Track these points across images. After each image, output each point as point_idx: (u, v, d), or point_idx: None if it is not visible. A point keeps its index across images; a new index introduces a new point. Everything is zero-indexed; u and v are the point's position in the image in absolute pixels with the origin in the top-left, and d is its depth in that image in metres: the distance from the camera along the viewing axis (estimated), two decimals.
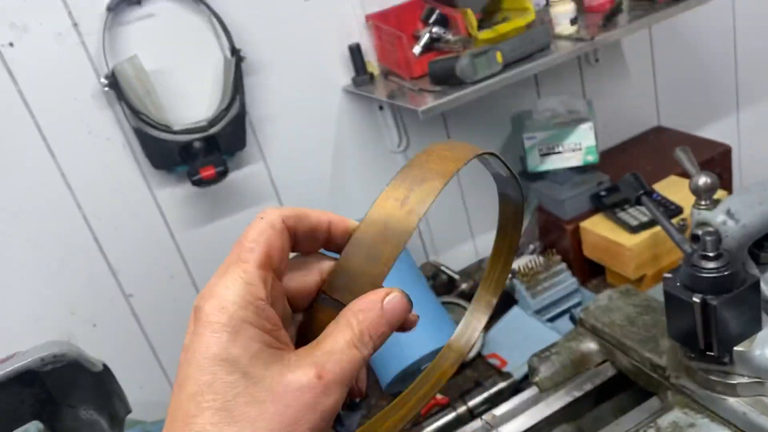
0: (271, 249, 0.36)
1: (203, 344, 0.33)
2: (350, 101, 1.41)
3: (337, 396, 0.33)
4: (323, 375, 0.33)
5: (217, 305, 0.34)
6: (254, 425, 0.32)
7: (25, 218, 1.21)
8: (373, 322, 0.36)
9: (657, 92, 1.82)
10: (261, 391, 0.32)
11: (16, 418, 0.74)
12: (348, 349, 0.35)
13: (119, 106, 1.20)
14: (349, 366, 0.34)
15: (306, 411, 0.33)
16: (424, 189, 0.38)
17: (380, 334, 0.36)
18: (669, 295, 0.74)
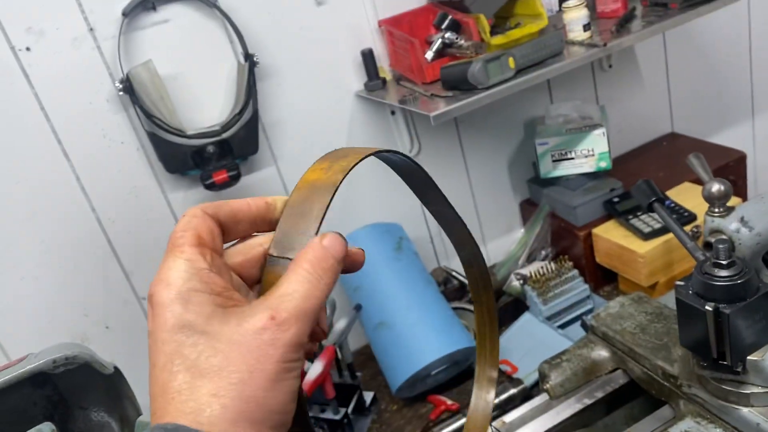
0: (199, 231, 0.39)
1: (161, 321, 0.36)
2: (362, 106, 1.42)
3: (294, 330, 0.36)
4: (276, 315, 0.36)
5: (164, 285, 0.37)
6: (222, 373, 0.35)
7: (40, 221, 1.22)
8: (318, 257, 0.39)
9: (671, 98, 1.81)
10: (222, 343, 0.35)
11: (27, 419, 0.75)
12: (300, 286, 0.38)
13: (133, 111, 1.21)
14: (302, 302, 0.37)
15: (267, 348, 0.35)
16: (347, 160, 0.43)
17: (329, 267, 0.39)
18: (681, 303, 0.73)
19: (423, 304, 1.32)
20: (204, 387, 0.35)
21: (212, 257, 0.39)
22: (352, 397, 1.30)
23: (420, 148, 1.49)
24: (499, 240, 1.67)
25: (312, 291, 0.38)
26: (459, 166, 1.56)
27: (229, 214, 0.42)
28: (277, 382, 0.36)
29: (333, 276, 0.40)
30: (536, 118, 1.61)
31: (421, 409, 1.31)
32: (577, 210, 1.46)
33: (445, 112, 1.14)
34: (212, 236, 0.40)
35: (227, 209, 0.42)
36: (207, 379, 0.35)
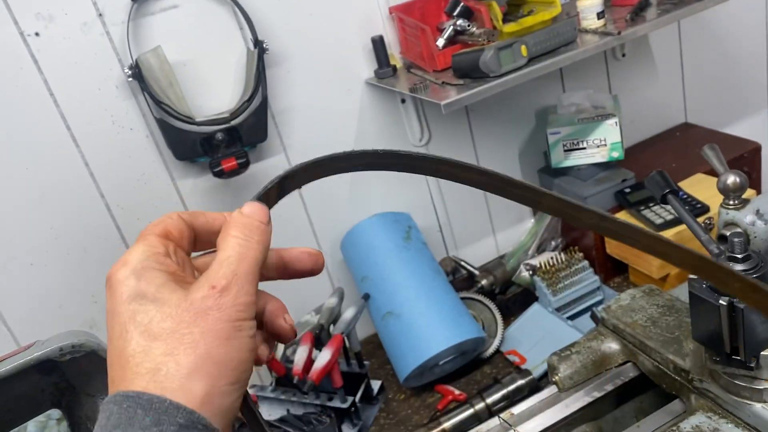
0: (168, 227, 0.42)
1: (117, 296, 0.39)
2: (372, 94, 1.41)
3: (235, 291, 0.39)
4: (216, 284, 0.39)
5: (120, 264, 0.39)
6: (175, 335, 0.37)
7: (49, 207, 1.22)
8: (242, 223, 0.42)
9: (685, 88, 1.79)
10: (171, 309, 0.38)
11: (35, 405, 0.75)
12: (232, 250, 0.40)
13: (143, 97, 1.20)
14: (237, 264, 0.40)
15: (213, 312, 0.38)
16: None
17: (255, 227, 0.42)
18: (695, 296, 0.72)
19: (431, 293, 1.31)
20: (158, 348, 0.36)
21: (175, 249, 0.42)
22: (360, 386, 1.29)
23: (430, 136, 1.48)
24: (509, 230, 1.66)
25: (244, 251, 0.40)
26: (469, 155, 1.55)
27: (204, 223, 0.44)
28: (229, 339, 0.38)
29: (262, 234, 0.42)
30: (548, 107, 1.59)
31: (428, 398, 1.31)
32: (588, 200, 1.45)
33: (456, 101, 1.13)
34: (180, 235, 0.43)
35: (203, 219, 0.45)
36: (161, 341, 0.37)
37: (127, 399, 0.35)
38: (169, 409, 0.35)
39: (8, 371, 0.66)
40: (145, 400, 0.35)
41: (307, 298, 1.48)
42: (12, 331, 1.26)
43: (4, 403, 0.74)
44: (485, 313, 1.43)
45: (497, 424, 0.89)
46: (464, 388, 1.30)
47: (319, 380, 1.19)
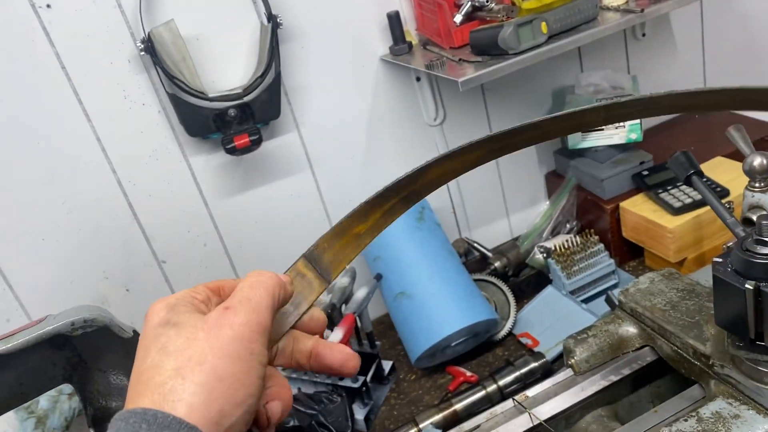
0: (225, 285, 0.48)
1: (148, 324, 0.43)
2: (387, 71, 1.38)
3: (245, 313, 0.43)
4: (229, 306, 0.43)
5: (160, 300, 0.45)
6: (186, 351, 0.40)
7: (61, 182, 1.21)
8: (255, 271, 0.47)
9: (705, 69, 1.75)
10: (187, 330, 0.42)
11: (47, 380, 0.75)
12: (245, 283, 0.46)
13: (155, 72, 1.19)
14: (249, 291, 0.44)
15: (222, 329, 0.42)
16: None
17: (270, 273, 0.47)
18: (719, 280, 0.70)
19: (444, 274, 1.30)
20: (169, 364, 0.40)
21: (218, 302, 0.47)
22: (371, 366, 1.29)
23: (445, 115, 1.46)
24: (524, 212, 1.64)
25: (257, 282, 0.45)
26: (484, 134, 1.52)
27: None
28: (238, 359, 0.41)
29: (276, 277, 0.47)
30: (566, 87, 1.56)
31: (439, 379, 1.30)
32: (604, 183, 1.42)
33: (474, 78, 1.11)
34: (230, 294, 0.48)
35: None
36: (172, 357, 0.40)
37: (134, 415, 0.37)
38: (171, 424, 0.37)
39: (20, 345, 0.66)
40: (150, 415, 0.37)
41: None
42: (24, 305, 1.26)
43: (16, 376, 0.74)
44: (498, 295, 1.41)
45: (511, 406, 0.88)
46: (476, 369, 1.29)
47: None
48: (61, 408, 1.27)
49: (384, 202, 0.52)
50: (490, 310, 1.29)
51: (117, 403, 0.79)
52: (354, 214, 0.51)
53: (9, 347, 0.65)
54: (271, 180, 1.36)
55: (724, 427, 0.70)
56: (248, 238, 1.39)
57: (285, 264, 0.51)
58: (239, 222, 1.37)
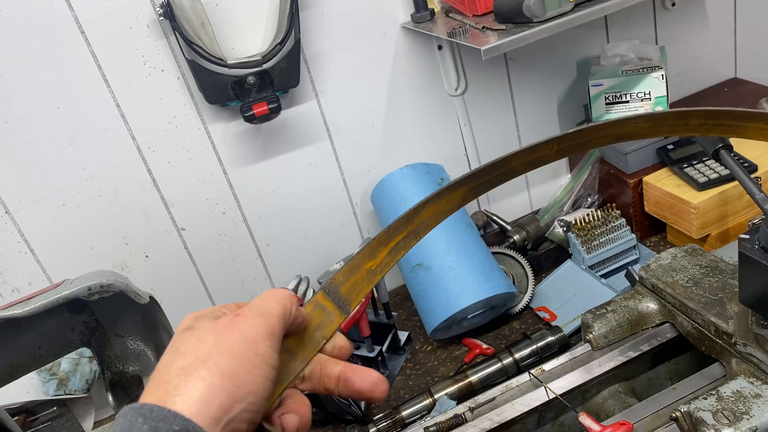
0: None
1: (176, 332, 0.46)
2: (408, 39, 1.36)
3: (253, 319, 0.45)
4: (240, 312, 0.46)
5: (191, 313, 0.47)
6: (195, 352, 0.42)
7: (81, 147, 1.22)
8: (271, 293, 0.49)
9: (737, 41, 1.69)
10: (199, 332, 0.44)
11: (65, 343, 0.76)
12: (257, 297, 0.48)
13: (174, 37, 1.18)
14: (259, 301, 0.47)
15: (230, 331, 0.44)
16: None
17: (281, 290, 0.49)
18: (744, 257, 0.69)
19: (462, 247, 1.29)
20: (178, 362, 0.42)
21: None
22: (387, 336, 1.29)
23: (467, 85, 1.43)
24: (545, 185, 1.62)
25: (268, 294, 0.48)
26: (506, 105, 1.50)
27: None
28: (243, 358, 0.42)
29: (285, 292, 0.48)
30: (591, 57, 1.52)
31: (455, 351, 1.30)
32: (628, 156, 1.39)
33: (497, 46, 1.08)
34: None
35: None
36: (181, 357, 0.42)
37: (133, 410, 0.39)
38: (167, 417, 0.38)
39: (37, 308, 0.66)
40: (147, 409, 0.38)
41: (336, 248, 1.47)
42: (45, 269, 1.27)
43: (35, 339, 0.74)
44: (516, 268, 1.40)
45: (527, 379, 0.88)
46: (492, 342, 1.29)
47: (347, 329, 1.18)
48: (83, 370, 1.29)
49: (388, 240, 0.56)
50: (507, 283, 1.28)
51: (134, 368, 0.79)
52: (364, 250, 0.55)
53: (26, 310, 0.65)
54: (289, 149, 1.35)
55: (744, 406, 0.69)
56: (267, 207, 1.39)
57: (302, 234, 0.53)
58: (257, 191, 1.37)
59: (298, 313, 0.49)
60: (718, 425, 0.67)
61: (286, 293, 0.48)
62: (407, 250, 0.56)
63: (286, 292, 0.49)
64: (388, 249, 0.56)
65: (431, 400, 1.11)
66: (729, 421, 0.67)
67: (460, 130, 1.48)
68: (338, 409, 1.16)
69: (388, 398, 1.23)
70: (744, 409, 0.68)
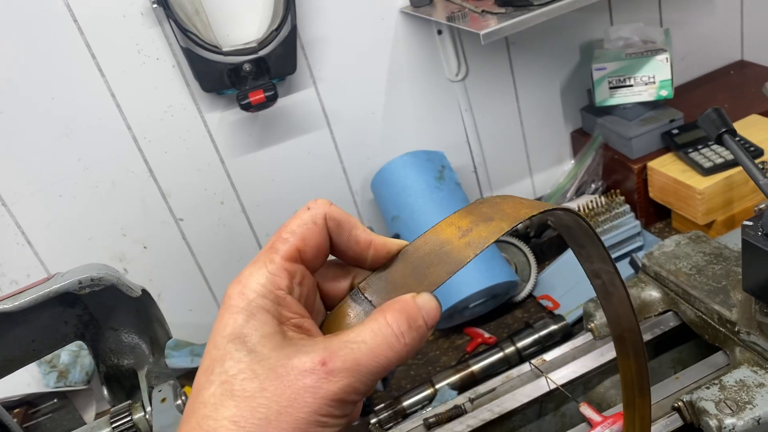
0: (305, 243, 0.37)
1: (222, 325, 0.35)
2: (407, 24, 1.34)
3: (343, 384, 0.33)
4: (329, 361, 0.33)
5: (239, 291, 0.35)
6: (252, 402, 0.32)
7: (77, 138, 1.20)
8: (406, 312, 0.35)
9: (743, 22, 1.66)
10: (263, 369, 0.33)
11: (59, 337, 0.75)
12: (372, 338, 0.34)
13: (168, 25, 1.16)
14: (366, 356, 0.33)
15: (305, 394, 0.32)
16: (489, 227, 0.36)
17: (415, 327, 0.35)
18: (748, 244, 0.67)
19: None
20: (229, 409, 0.33)
21: (302, 277, 0.38)
22: None
23: (467, 71, 1.41)
24: (548, 171, 1.59)
25: (383, 348, 0.34)
26: (508, 91, 1.48)
27: (345, 241, 0.39)
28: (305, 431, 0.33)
29: (417, 339, 0.35)
30: (594, 41, 1.50)
31: (457, 340, 1.29)
32: (632, 141, 1.37)
33: (497, 30, 1.06)
34: (316, 254, 0.38)
35: (348, 237, 0.39)
36: (234, 402, 0.33)
37: None
38: None
39: (27, 303, 0.65)
40: None
41: None
42: (43, 261, 1.27)
43: (28, 333, 0.74)
44: (519, 256, 1.39)
45: (528, 370, 0.87)
46: (494, 331, 1.28)
47: None
48: (83, 362, 1.29)
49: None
50: (510, 271, 1.26)
51: (128, 361, 0.79)
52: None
53: (17, 305, 0.64)
54: (287, 137, 1.34)
55: (747, 395, 0.67)
56: (265, 196, 1.38)
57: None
58: (256, 180, 1.36)
59: None
60: (720, 415, 0.65)
61: (426, 335, 0.36)
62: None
63: (427, 332, 0.36)
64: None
65: (432, 390, 1.10)
66: (732, 411, 0.65)
67: (461, 116, 1.46)
68: None
69: (390, 389, 1.22)
70: (747, 399, 0.66)
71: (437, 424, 0.83)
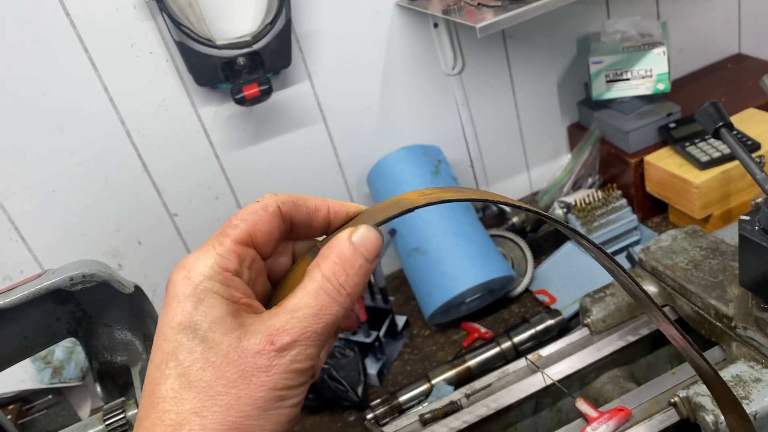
0: (255, 228, 0.37)
1: (170, 315, 0.34)
2: (403, 18, 1.33)
3: (294, 354, 0.34)
4: (276, 339, 0.34)
5: (184, 276, 0.35)
6: (210, 391, 0.33)
7: (69, 132, 1.19)
8: (343, 257, 0.36)
9: (740, 15, 1.66)
10: (216, 356, 0.33)
11: (51, 334, 0.74)
12: (313, 299, 0.35)
13: (161, 18, 1.15)
14: (312, 321, 0.34)
15: (260, 374, 0.33)
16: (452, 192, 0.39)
17: (354, 271, 0.36)
18: (744, 239, 0.66)
19: (459, 230, 1.27)
20: (189, 401, 0.33)
21: (252, 261, 0.38)
22: (384, 321, 1.28)
23: (464, 64, 1.40)
24: (544, 165, 1.59)
25: (327, 307, 0.35)
26: (505, 85, 1.47)
27: (305, 216, 0.40)
28: (267, 410, 0.34)
29: (359, 281, 0.36)
30: (591, 34, 1.49)
31: (453, 335, 1.29)
32: (629, 135, 1.37)
33: (493, 23, 1.05)
34: (268, 239, 0.38)
35: (305, 211, 0.40)
36: (193, 393, 0.33)
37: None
38: None
39: (18, 299, 0.65)
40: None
41: None
42: (37, 257, 1.26)
43: (20, 330, 0.73)
44: (515, 251, 1.38)
45: (524, 365, 0.86)
46: (491, 326, 1.27)
47: None
48: (77, 359, 1.28)
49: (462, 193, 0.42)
50: (506, 266, 1.26)
51: (122, 358, 0.78)
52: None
53: (8, 302, 0.64)
54: (282, 131, 1.33)
55: (744, 390, 0.67)
56: (260, 191, 1.36)
57: None
58: (251, 175, 1.35)
59: None
60: (717, 410, 0.65)
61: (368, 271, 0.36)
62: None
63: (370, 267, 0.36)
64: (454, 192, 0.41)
65: (429, 386, 1.10)
66: None
67: (458, 110, 1.45)
68: (335, 395, 1.14)
69: (386, 384, 1.22)
70: (744, 394, 0.66)
71: (433, 419, 0.82)
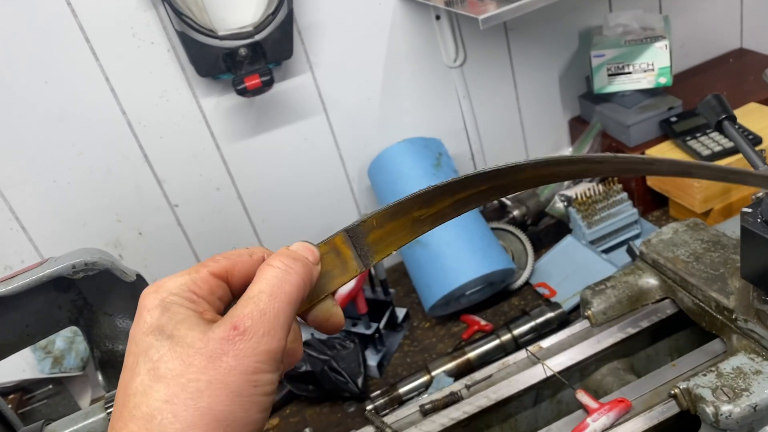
0: (234, 268, 0.39)
1: (140, 324, 0.36)
2: (405, 10, 1.32)
3: (259, 336, 0.35)
4: (239, 324, 0.35)
5: (153, 291, 0.37)
6: (180, 379, 0.34)
7: (71, 123, 1.19)
8: (285, 254, 0.39)
9: (743, 11, 1.65)
10: (184, 348, 0.35)
11: (53, 322, 0.74)
12: (266, 285, 0.37)
13: (163, 8, 1.15)
14: (269, 302, 0.36)
15: (228, 359, 0.34)
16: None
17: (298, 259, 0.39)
18: (747, 231, 0.66)
19: (460, 223, 1.27)
20: (159, 392, 0.34)
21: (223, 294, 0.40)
22: (385, 313, 1.28)
23: (465, 57, 1.40)
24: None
25: (279, 285, 0.37)
26: (506, 77, 1.47)
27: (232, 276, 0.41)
28: (239, 396, 0.34)
29: (304, 268, 0.39)
30: (593, 27, 1.48)
31: (453, 328, 1.29)
32: (630, 129, 1.37)
33: (495, 15, 1.05)
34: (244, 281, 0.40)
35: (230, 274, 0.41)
36: (163, 384, 0.34)
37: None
38: None
39: (20, 287, 0.65)
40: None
41: (333, 224, 1.45)
42: (37, 247, 1.26)
43: (21, 318, 0.73)
44: (516, 244, 1.38)
45: (525, 357, 0.86)
46: (491, 319, 1.27)
47: (343, 306, 1.17)
48: (77, 348, 1.28)
49: (459, 190, 0.44)
50: (506, 259, 1.26)
51: (123, 346, 0.78)
52: (418, 196, 0.43)
53: (9, 289, 0.64)
54: (284, 123, 1.33)
55: (744, 383, 0.67)
56: (261, 182, 1.37)
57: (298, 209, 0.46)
58: (252, 166, 1.35)
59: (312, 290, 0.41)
60: (717, 402, 0.65)
61: (302, 277, 0.38)
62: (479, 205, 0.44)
63: (303, 273, 0.39)
64: (455, 200, 0.43)
65: (428, 377, 1.10)
66: (729, 398, 0.65)
67: (459, 103, 1.45)
68: (335, 386, 1.15)
69: (386, 375, 1.22)
70: (744, 386, 0.66)
71: (433, 410, 0.83)
